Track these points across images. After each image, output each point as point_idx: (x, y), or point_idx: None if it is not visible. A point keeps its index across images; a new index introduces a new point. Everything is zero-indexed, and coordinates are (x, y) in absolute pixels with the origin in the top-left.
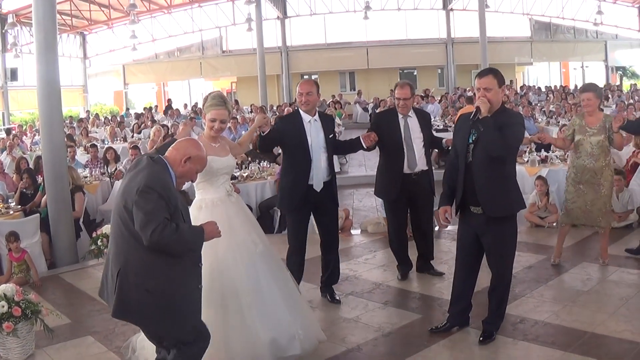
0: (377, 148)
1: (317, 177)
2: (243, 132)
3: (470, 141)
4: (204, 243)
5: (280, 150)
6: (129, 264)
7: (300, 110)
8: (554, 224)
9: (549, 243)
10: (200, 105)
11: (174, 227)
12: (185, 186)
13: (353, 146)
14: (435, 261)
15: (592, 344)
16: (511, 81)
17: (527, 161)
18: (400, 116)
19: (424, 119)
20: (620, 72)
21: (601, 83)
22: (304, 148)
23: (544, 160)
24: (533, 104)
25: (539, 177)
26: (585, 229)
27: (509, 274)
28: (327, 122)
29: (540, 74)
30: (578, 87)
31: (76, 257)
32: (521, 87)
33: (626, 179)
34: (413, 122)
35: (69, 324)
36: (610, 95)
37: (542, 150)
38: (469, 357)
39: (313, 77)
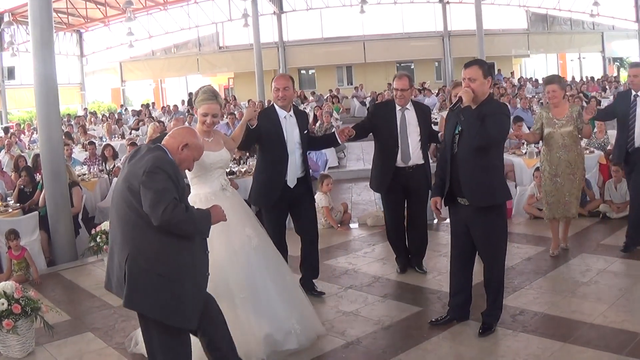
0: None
1: (292, 174)
2: None
3: (456, 132)
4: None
5: None
6: (139, 249)
7: (275, 105)
8: None
9: (549, 235)
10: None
11: (183, 207)
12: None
13: (328, 142)
14: (435, 253)
15: (592, 335)
16: (512, 73)
17: (525, 153)
18: (397, 108)
19: (423, 113)
20: (618, 63)
21: (598, 74)
22: (281, 144)
23: (540, 152)
24: (530, 96)
25: (538, 169)
26: (584, 219)
27: (501, 265)
28: (302, 118)
29: (537, 66)
30: (576, 79)
31: (75, 254)
32: (519, 80)
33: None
34: (410, 115)
35: (69, 321)
36: (607, 87)
37: (540, 142)
38: (469, 349)
39: (310, 72)
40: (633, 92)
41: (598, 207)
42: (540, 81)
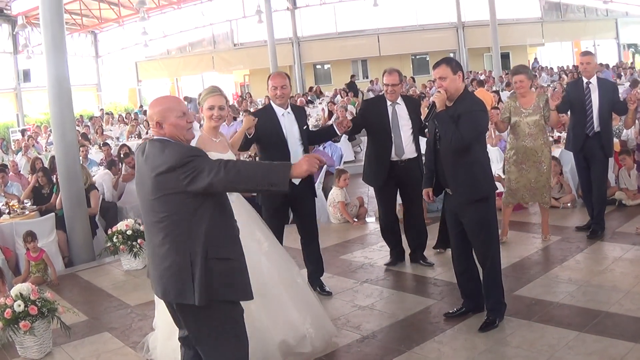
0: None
1: None
2: None
3: (437, 130)
4: None
5: None
6: (201, 239)
7: (272, 104)
8: (569, 204)
9: (564, 224)
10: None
11: (233, 162)
12: None
13: (327, 134)
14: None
15: (608, 323)
16: (536, 59)
17: None
18: (388, 103)
19: (413, 106)
20: (632, 50)
21: (613, 61)
22: (282, 142)
23: (557, 141)
24: (546, 85)
25: (553, 158)
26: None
27: (493, 256)
28: (300, 114)
29: (552, 55)
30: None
31: (93, 255)
32: (533, 68)
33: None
34: (401, 109)
35: (86, 321)
36: (622, 74)
37: (555, 131)
38: (484, 340)
39: (325, 67)
40: (585, 80)
41: (614, 195)
42: (556, 69)
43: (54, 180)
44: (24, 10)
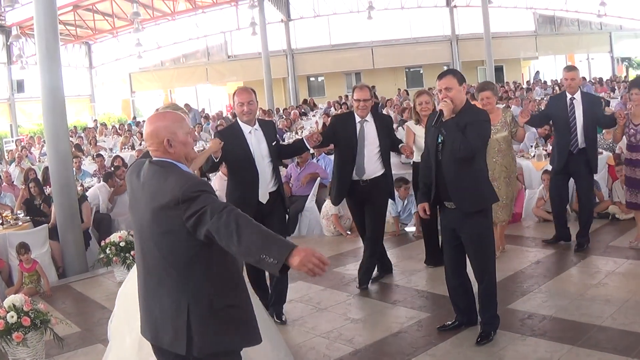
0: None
1: (263, 190)
2: None
3: (439, 141)
4: None
5: None
6: (204, 283)
7: (240, 121)
8: None
9: None
10: (208, 111)
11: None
12: None
13: (298, 149)
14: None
15: (600, 337)
16: (537, 72)
17: (534, 156)
18: (357, 119)
19: (383, 124)
20: (626, 63)
21: (607, 75)
22: (249, 161)
23: (549, 155)
24: (539, 98)
25: (546, 172)
26: (593, 221)
27: (491, 269)
28: (268, 129)
29: (546, 68)
30: (585, 80)
31: (86, 266)
32: (527, 82)
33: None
34: (369, 128)
35: (79, 333)
36: (616, 87)
37: (548, 144)
38: (477, 354)
39: (319, 79)
40: (569, 95)
41: (607, 209)
42: (549, 83)
43: (48, 191)
44: (18, 20)
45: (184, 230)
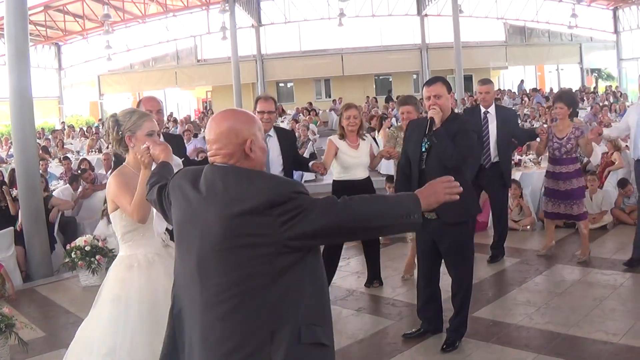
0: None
1: None
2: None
3: (424, 149)
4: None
5: None
6: (290, 314)
7: None
8: (528, 227)
9: (523, 246)
10: (176, 115)
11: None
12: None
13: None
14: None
15: (566, 345)
16: (522, 81)
17: None
18: None
19: (286, 139)
20: (596, 74)
21: (576, 85)
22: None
23: (517, 164)
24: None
25: (513, 181)
26: (559, 231)
27: (468, 279)
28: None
29: (515, 78)
30: (554, 91)
31: (51, 270)
32: (496, 91)
33: (600, 180)
34: (273, 143)
35: (44, 337)
36: (585, 98)
37: (515, 154)
38: None
39: (288, 85)
40: (483, 109)
41: (602, 219)
42: (518, 93)
43: (14, 193)
44: None
45: (269, 240)
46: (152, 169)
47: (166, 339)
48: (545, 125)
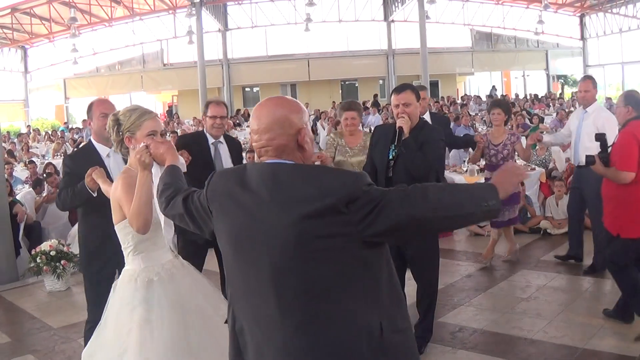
0: None
1: None
2: None
3: (390, 157)
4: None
5: None
6: (372, 314)
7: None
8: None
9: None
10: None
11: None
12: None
13: None
14: None
15: (531, 350)
16: (493, 86)
17: (466, 171)
18: (210, 140)
19: (233, 147)
20: (562, 81)
21: (542, 92)
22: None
23: (483, 170)
24: (474, 113)
25: None
26: (525, 236)
27: (434, 285)
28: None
29: (481, 84)
30: (519, 96)
31: (16, 275)
32: (462, 97)
33: (566, 185)
34: (223, 150)
35: (9, 343)
36: (551, 104)
37: (482, 159)
38: None
39: (254, 89)
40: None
41: (539, 224)
42: (484, 98)
43: None
44: None
45: (347, 239)
46: (153, 170)
47: (232, 358)
48: (483, 133)
